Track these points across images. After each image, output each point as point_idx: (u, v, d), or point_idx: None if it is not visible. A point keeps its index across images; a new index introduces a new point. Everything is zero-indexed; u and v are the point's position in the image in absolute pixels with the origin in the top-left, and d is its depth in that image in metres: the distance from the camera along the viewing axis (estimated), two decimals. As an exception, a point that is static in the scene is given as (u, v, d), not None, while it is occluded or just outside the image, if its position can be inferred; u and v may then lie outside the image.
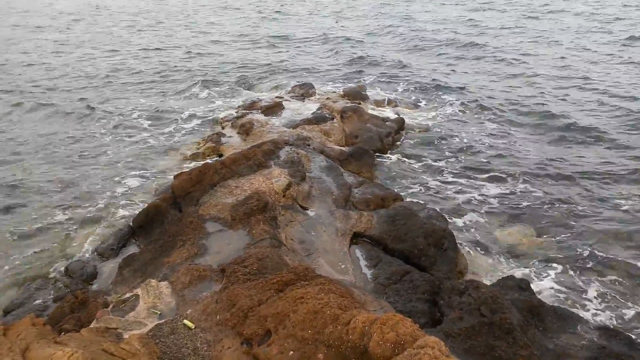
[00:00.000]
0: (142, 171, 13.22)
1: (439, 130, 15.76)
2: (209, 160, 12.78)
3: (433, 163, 13.49)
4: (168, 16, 45.36)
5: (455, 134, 15.35)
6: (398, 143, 14.82)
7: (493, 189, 11.93)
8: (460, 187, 12.11)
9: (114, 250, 9.32)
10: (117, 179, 12.81)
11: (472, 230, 10.28)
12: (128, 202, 11.60)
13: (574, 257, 9.41)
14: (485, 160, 13.47)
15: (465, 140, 14.81)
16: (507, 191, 11.82)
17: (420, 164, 13.45)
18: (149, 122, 17.21)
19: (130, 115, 17.92)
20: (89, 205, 11.53)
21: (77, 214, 11.15)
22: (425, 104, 18.16)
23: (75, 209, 11.35)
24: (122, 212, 11.15)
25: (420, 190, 12.00)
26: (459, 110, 17.30)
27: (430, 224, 8.92)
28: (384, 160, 13.56)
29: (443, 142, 14.79)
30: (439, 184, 12.31)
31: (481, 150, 14.12)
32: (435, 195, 11.73)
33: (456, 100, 18.38)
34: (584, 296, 8.40)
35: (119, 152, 14.66)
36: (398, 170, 13.02)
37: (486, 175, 12.68)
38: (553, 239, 9.94)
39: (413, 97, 18.83)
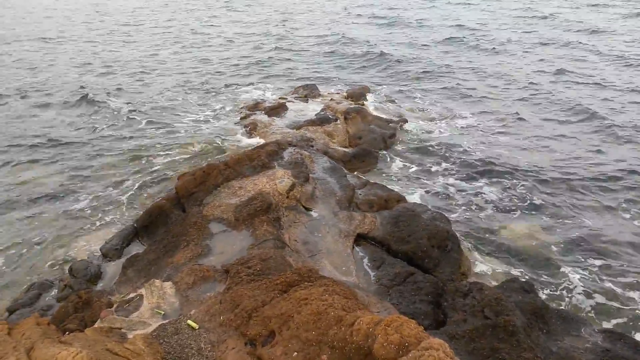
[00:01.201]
0: (145, 171, 13.25)
1: (442, 132, 15.74)
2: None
3: (436, 164, 13.47)
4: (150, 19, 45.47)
5: (458, 136, 15.33)
6: (402, 144, 14.81)
7: (496, 191, 11.91)
8: (463, 189, 12.09)
9: (118, 250, 9.33)
10: (119, 180, 12.84)
11: (476, 232, 10.25)
12: (131, 202, 11.64)
13: (578, 258, 9.39)
14: (488, 163, 13.43)
15: (467, 143, 14.78)
16: (511, 194, 11.80)
17: (423, 165, 13.44)
18: (150, 121, 17.25)
19: (132, 116, 17.96)
20: (92, 204, 11.57)
21: (80, 213, 11.19)
22: (428, 107, 18.14)
23: (78, 208, 11.39)
24: (125, 211, 11.19)
25: (424, 191, 11.99)
26: (462, 113, 17.28)
27: (434, 225, 8.90)
28: (387, 161, 13.55)
29: (446, 144, 14.76)
30: (442, 185, 12.30)
31: (484, 152, 14.09)
32: (438, 197, 11.72)
33: (459, 103, 18.38)
34: (589, 298, 8.37)
35: (123, 153, 14.69)
36: (401, 172, 13.01)
37: (489, 177, 12.65)
38: (557, 241, 9.92)
39: (417, 100, 18.83)
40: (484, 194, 11.80)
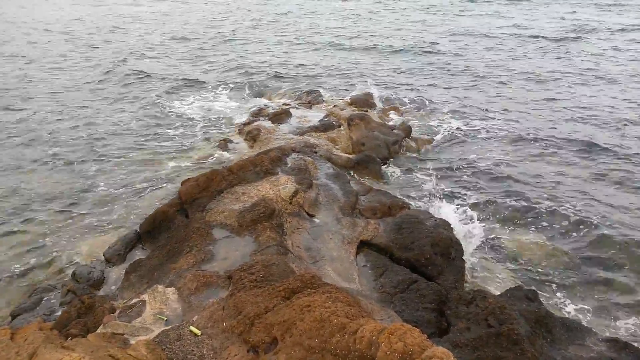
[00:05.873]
0: (150, 176, 13.28)
1: (446, 139, 15.74)
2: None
3: (440, 171, 13.45)
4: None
5: (463, 144, 15.32)
6: (405, 151, 14.81)
7: (501, 199, 11.87)
8: (467, 196, 12.07)
9: (121, 255, 9.34)
10: (124, 184, 12.88)
11: (480, 239, 10.21)
12: (135, 207, 11.66)
13: (584, 267, 9.34)
14: (492, 170, 13.41)
15: (472, 150, 14.77)
16: (516, 201, 11.76)
17: (427, 172, 13.42)
18: (154, 126, 17.31)
19: (134, 120, 18.04)
20: (96, 209, 11.60)
21: (83, 218, 11.22)
22: (432, 114, 18.16)
23: (81, 214, 11.42)
24: (129, 217, 11.21)
25: (427, 198, 11.97)
26: (467, 121, 17.28)
27: (437, 232, 8.87)
28: (391, 168, 13.55)
29: (450, 151, 14.77)
30: (446, 192, 12.27)
31: (489, 160, 14.07)
32: (442, 204, 11.67)
33: (465, 110, 18.39)
34: (594, 307, 8.32)
35: (126, 156, 14.74)
36: (405, 178, 13.00)
37: (494, 184, 12.63)
38: (563, 250, 9.87)
39: (420, 107, 18.84)
40: (489, 202, 11.76)
